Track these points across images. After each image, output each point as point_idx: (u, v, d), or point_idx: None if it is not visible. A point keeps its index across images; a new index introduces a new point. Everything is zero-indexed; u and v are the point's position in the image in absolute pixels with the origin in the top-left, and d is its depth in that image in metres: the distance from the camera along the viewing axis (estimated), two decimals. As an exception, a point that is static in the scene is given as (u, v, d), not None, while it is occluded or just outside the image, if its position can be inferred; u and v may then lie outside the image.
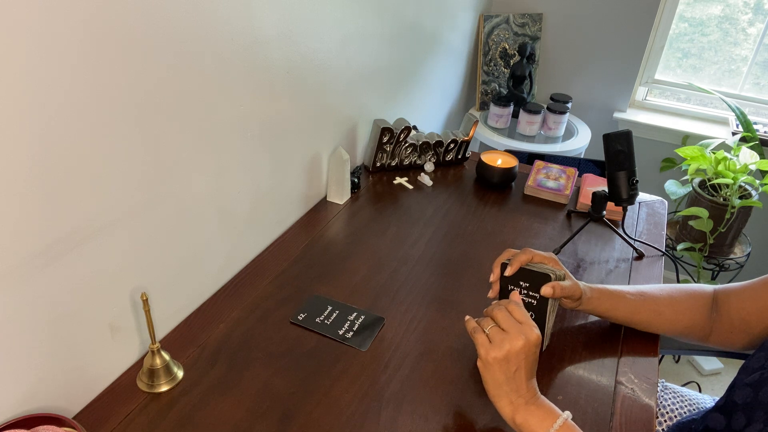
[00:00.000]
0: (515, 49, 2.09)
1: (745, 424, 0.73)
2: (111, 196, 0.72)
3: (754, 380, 0.75)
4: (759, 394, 0.73)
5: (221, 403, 0.78)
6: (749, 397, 0.74)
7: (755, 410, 0.73)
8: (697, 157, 1.73)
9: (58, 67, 0.60)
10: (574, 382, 0.85)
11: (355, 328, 0.91)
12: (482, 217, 1.24)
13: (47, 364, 0.70)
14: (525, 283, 0.85)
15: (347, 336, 0.90)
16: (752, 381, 0.75)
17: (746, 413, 0.74)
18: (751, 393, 0.74)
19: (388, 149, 1.35)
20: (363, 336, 0.90)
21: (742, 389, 0.76)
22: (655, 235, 1.22)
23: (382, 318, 0.94)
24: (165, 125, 0.77)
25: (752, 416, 0.73)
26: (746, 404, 0.74)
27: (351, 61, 1.20)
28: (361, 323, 0.92)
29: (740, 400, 0.76)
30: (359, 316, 0.94)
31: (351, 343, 0.88)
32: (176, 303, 0.90)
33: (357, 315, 0.94)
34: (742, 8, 1.97)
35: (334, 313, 0.94)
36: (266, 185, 1.04)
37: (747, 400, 0.74)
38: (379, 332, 0.91)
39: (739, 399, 0.76)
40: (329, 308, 0.95)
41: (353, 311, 0.94)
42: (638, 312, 0.89)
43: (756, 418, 0.72)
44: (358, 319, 0.93)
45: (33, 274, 0.65)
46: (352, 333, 0.90)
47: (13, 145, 0.58)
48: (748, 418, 0.73)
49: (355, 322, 0.92)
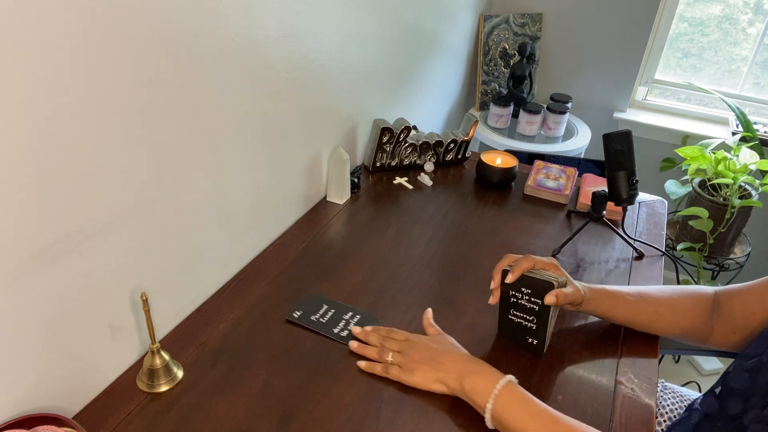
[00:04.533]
0: (515, 49, 2.09)
1: (742, 408, 0.73)
2: (111, 196, 0.72)
3: (751, 366, 0.75)
4: (757, 379, 0.73)
5: (221, 403, 0.78)
6: (746, 382, 0.74)
7: (752, 396, 0.73)
8: (697, 157, 1.73)
9: (58, 67, 0.60)
10: (574, 382, 0.85)
11: (350, 327, 0.91)
12: (482, 217, 1.24)
13: (47, 364, 0.70)
14: (527, 289, 0.85)
15: (342, 335, 0.90)
16: (750, 367, 0.75)
17: (743, 398, 0.74)
18: (749, 378, 0.74)
19: (388, 149, 1.35)
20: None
21: (739, 374, 0.76)
22: (655, 235, 1.22)
23: (377, 318, 0.94)
24: (165, 125, 0.77)
25: (749, 402, 0.73)
26: (743, 389, 0.74)
27: (351, 61, 1.20)
28: (356, 323, 0.92)
29: (737, 385, 0.76)
30: (354, 315, 0.94)
31: (346, 342, 0.89)
32: (176, 303, 0.90)
33: (352, 314, 0.94)
34: (742, 8, 1.97)
35: (329, 311, 0.94)
36: (266, 185, 1.04)
37: (744, 385, 0.74)
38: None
39: (735, 384, 0.76)
40: (325, 307, 0.95)
41: (349, 310, 0.95)
42: (637, 313, 0.89)
43: (753, 403, 0.72)
44: (354, 318, 0.93)
45: (33, 274, 0.65)
46: (347, 332, 0.90)
47: (13, 144, 0.58)
48: (744, 403, 0.73)
49: (350, 322, 0.92)
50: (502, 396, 0.74)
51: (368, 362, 0.85)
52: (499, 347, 0.90)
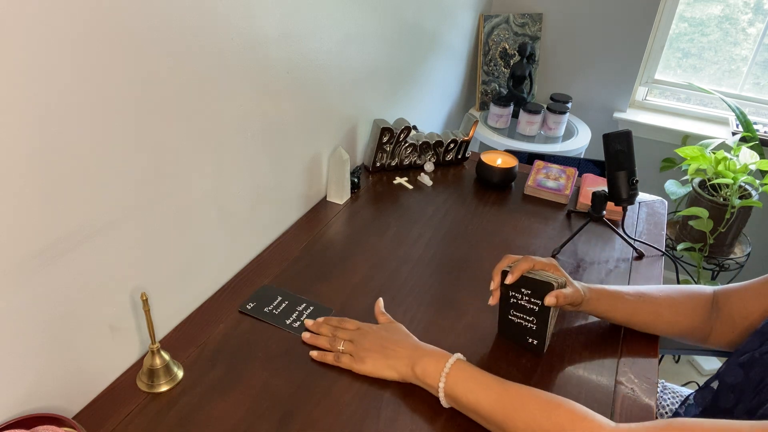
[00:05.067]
0: (515, 49, 2.09)
1: (735, 402, 0.74)
2: (111, 195, 0.72)
3: (744, 360, 0.75)
4: (750, 373, 0.73)
5: (221, 403, 0.78)
6: (740, 377, 0.75)
7: (745, 390, 0.73)
8: (697, 157, 1.73)
9: (58, 66, 0.60)
10: (574, 382, 0.85)
11: (302, 318, 0.92)
12: (482, 217, 1.24)
13: (47, 364, 0.70)
14: (527, 290, 0.85)
15: (294, 326, 0.91)
16: (743, 361, 0.75)
17: (735, 392, 0.74)
18: (741, 373, 0.75)
19: (388, 149, 1.35)
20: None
21: (732, 369, 0.77)
22: (655, 235, 1.22)
23: (331, 309, 0.95)
24: (165, 125, 0.77)
25: (742, 395, 0.73)
26: (736, 384, 0.75)
27: (351, 61, 1.20)
28: (309, 314, 0.93)
29: (730, 379, 0.76)
30: (308, 306, 0.95)
31: (298, 333, 0.90)
32: (176, 303, 0.90)
33: (306, 305, 0.95)
34: (742, 8, 1.97)
35: (283, 303, 0.95)
36: (266, 185, 1.04)
37: (738, 380, 0.75)
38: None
39: (729, 378, 0.76)
40: (279, 298, 0.96)
41: (302, 302, 0.96)
42: (637, 313, 0.89)
43: (745, 397, 0.72)
44: (307, 309, 0.94)
45: (33, 273, 0.65)
46: (299, 323, 0.91)
47: (13, 144, 0.58)
48: (737, 397, 0.74)
49: (303, 313, 0.93)
50: (452, 374, 0.76)
51: (320, 352, 0.86)
52: (499, 347, 0.90)
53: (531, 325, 0.87)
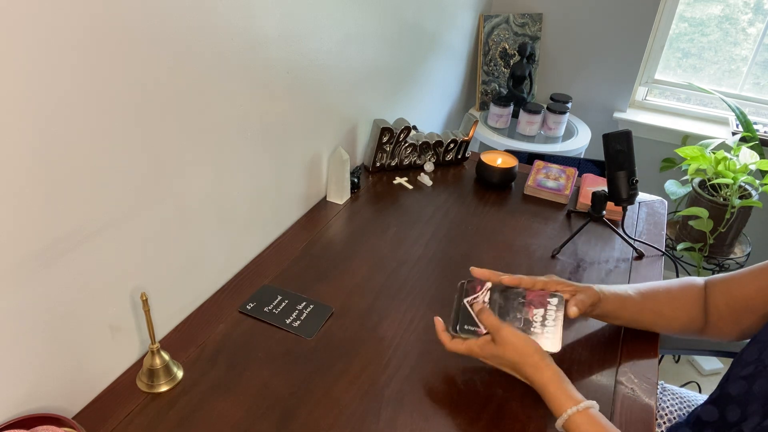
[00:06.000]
0: (515, 49, 2.09)
1: (740, 417, 0.74)
2: (111, 195, 0.72)
3: (748, 373, 0.75)
4: (753, 386, 0.73)
5: (221, 403, 0.78)
6: (744, 389, 0.75)
7: (750, 403, 0.73)
8: (697, 157, 1.73)
9: (58, 67, 0.60)
10: (574, 382, 0.85)
11: (302, 317, 0.92)
12: (482, 217, 1.24)
13: (47, 364, 0.70)
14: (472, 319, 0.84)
15: (294, 325, 0.91)
16: (747, 374, 0.75)
17: (741, 406, 0.74)
18: (746, 385, 0.74)
19: (388, 149, 1.35)
20: (309, 325, 0.91)
21: (736, 382, 0.76)
22: (655, 235, 1.22)
23: (330, 307, 0.95)
24: (165, 125, 0.77)
25: (747, 409, 0.73)
26: (741, 397, 0.75)
27: (351, 61, 1.20)
28: (309, 312, 0.93)
29: (734, 392, 0.76)
30: (308, 305, 0.95)
31: (297, 332, 0.89)
32: (176, 303, 0.90)
33: (306, 304, 0.95)
34: (742, 8, 1.97)
35: (283, 302, 0.95)
36: (266, 185, 1.04)
37: (741, 392, 0.75)
38: (326, 322, 0.92)
39: (733, 391, 0.76)
40: (279, 298, 0.96)
41: (302, 300, 0.96)
42: (642, 312, 0.89)
43: (751, 411, 0.72)
44: (307, 308, 0.94)
45: (33, 273, 0.65)
46: (299, 322, 0.91)
47: (13, 144, 0.58)
48: (743, 410, 0.74)
49: (303, 312, 0.93)
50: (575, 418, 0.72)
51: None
52: (499, 347, 0.90)
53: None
